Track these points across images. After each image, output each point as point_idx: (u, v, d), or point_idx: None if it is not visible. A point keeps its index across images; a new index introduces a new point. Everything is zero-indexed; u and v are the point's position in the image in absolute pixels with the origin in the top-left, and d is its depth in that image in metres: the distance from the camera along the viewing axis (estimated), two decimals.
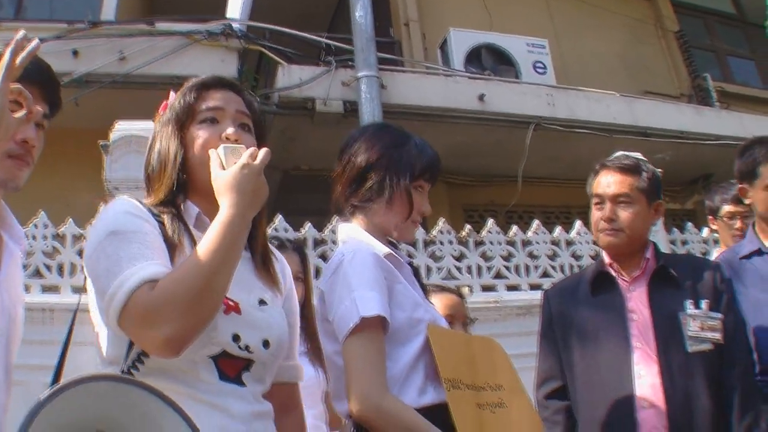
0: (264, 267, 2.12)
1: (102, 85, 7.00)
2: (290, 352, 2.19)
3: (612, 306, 2.99)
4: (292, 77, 7.68)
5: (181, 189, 2.02)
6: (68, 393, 1.48)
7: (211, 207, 1.92)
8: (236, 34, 7.61)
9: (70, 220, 5.31)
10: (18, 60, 1.64)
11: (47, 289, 5.09)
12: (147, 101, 7.32)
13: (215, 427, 1.80)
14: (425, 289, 2.50)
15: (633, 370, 2.86)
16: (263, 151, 1.92)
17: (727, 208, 4.62)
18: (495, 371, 2.39)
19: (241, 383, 1.92)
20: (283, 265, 2.27)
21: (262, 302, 2.03)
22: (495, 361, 2.44)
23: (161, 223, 1.94)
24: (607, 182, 3.06)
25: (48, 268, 5.13)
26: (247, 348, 1.92)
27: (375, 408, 2.04)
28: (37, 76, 1.84)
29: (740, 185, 3.41)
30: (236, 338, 1.90)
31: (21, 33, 1.66)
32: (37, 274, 5.09)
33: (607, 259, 3.09)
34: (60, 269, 5.16)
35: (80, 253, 5.20)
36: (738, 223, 4.59)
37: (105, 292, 1.75)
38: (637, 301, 2.97)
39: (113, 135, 5.31)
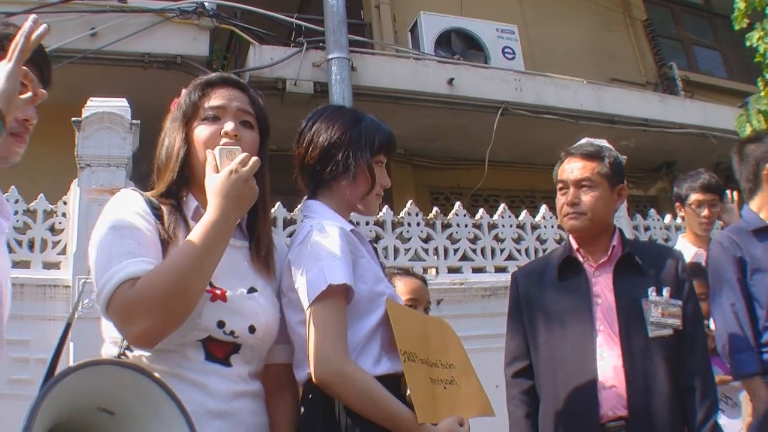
0: (262, 256, 2.21)
1: (72, 61, 6.91)
2: (285, 335, 2.25)
3: (578, 290, 3.09)
4: (263, 57, 7.67)
5: (184, 182, 2.13)
6: (73, 376, 1.59)
7: None
8: (208, 13, 7.55)
9: (41, 195, 5.27)
10: (30, 44, 1.71)
11: (17, 264, 5.08)
12: (118, 78, 7.27)
13: (194, 403, 1.89)
14: (384, 269, 2.55)
15: (596, 351, 2.96)
16: (254, 159, 2.00)
17: (694, 197, 4.77)
18: (447, 351, 2.46)
19: (227, 364, 2.02)
20: (279, 248, 2.36)
21: (252, 290, 2.12)
22: (447, 341, 2.51)
23: (160, 216, 2.04)
24: (571, 168, 3.18)
25: (19, 243, 5.12)
26: (232, 333, 2.02)
27: (336, 372, 2.08)
28: (36, 57, 1.89)
29: None
30: (221, 324, 2.01)
31: (32, 17, 1.73)
32: (8, 248, 5.05)
33: (574, 244, 3.19)
34: (31, 244, 5.15)
35: (51, 229, 5.20)
36: (705, 211, 4.74)
37: (96, 285, 1.88)
38: (602, 286, 3.07)
39: (85, 111, 5.26)
